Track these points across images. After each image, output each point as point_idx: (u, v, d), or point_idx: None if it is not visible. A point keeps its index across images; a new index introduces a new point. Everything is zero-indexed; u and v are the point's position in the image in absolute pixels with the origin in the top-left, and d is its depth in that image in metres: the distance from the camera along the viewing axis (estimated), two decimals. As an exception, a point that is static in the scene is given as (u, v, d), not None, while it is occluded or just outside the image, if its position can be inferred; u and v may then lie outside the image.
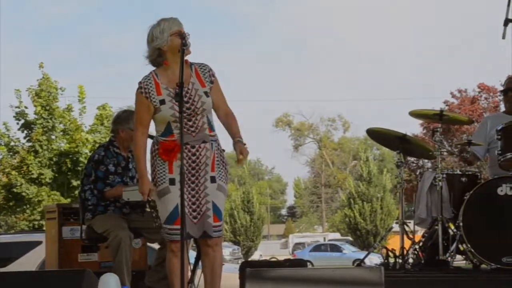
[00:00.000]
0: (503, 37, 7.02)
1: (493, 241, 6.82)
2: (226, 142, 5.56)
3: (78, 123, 23.18)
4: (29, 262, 9.73)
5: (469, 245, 6.84)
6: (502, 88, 8.54)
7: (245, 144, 5.45)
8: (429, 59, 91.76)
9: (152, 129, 5.69)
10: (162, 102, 5.49)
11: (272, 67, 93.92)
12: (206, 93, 5.52)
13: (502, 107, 8.12)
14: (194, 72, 5.57)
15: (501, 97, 8.57)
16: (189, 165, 5.44)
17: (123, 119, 7.08)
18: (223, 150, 5.66)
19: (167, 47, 5.47)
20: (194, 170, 5.47)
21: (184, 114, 5.40)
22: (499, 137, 7.16)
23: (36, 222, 22.21)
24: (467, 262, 7.26)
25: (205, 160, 5.48)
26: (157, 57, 5.53)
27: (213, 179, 5.50)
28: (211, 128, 5.57)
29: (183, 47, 5.33)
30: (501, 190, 6.88)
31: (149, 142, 5.68)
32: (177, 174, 5.40)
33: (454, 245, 6.96)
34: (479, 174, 7.42)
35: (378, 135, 7.90)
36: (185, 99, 5.43)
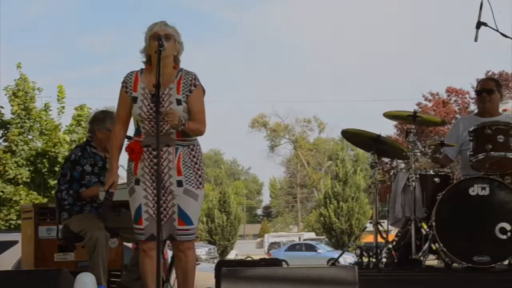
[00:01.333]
0: (475, 40, 7.07)
1: (464, 240, 6.85)
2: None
3: (55, 123, 23.11)
4: (5, 262, 9.68)
5: (441, 245, 6.88)
6: (469, 90, 8.56)
7: (181, 124, 5.38)
8: (403, 63, 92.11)
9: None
10: (135, 99, 5.50)
11: (248, 69, 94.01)
12: (178, 100, 5.47)
13: (472, 107, 8.15)
14: (178, 78, 5.53)
15: (470, 99, 8.60)
16: (151, 167, 5.44)
17: (100, 119, 7.08)
18: (201, 153, 5.64)
19: (150, 50, 5.46)
20: (157, 173, 5.45)
21: (151, 117, 5.40)
22: (471, 138, 7.21)
23: (12, 222, 22.09)
24: (439, 261, 7.30)
25: (167, 163, 5.46)
26: (147, 61, 5.52)
27: (179, 183, 5.47)
28: (182, 133, 5.49)
29: (160, 48, 5.30)
30: (473, 190, 6.92)
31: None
32: (140, 175, 5.45)
33: (427, 244, 6.98)
34: (451, 174, 7.46)
35: (353, 136, 7.92)
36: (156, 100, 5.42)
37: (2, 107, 23.00)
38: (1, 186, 22.44)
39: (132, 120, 5.63)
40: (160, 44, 5.31)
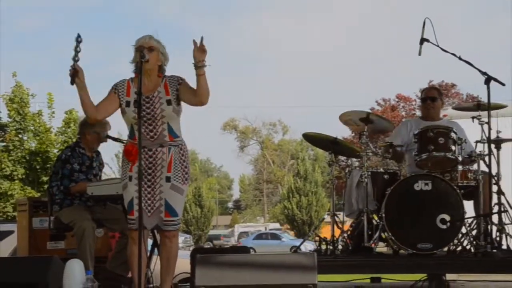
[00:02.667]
0: (419, 54, 7.15)
1: (410, 230, 6.89)
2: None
3: (47, 126, 23.04)
4: (2, 250, 9.61)
5: (389, 234, 6.91)
6: (415, 98, 8.61)
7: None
8: (360, 72, 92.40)
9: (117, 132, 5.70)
10: (128, 104, 5.47)
11: (221, 78, 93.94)
12: (168, 101, 5.45)
13: (417, 113, 8.21)
14: (164, 83, 5.50)
15: (415, 105, 8.64)
16: (146, 166, 5.44)
17: (90, 123, 7.03)
18: (188, 154, 5.65)
19: (135, 61, 5.44)
20: (151, 170, 5.47)
21: (144, 119, 5.40)
22: (416, 140, 7.26)
23: (9, 214, 22.00)
24: (388, 248, 7.33)
25: (161, 162, 5.47)
26: (135, 69, 5.46)
27: (168, 179, 5.47)
28: (172, 135, 5.50)
29: (141, 59, 5.29)
30: (417, 186, 6.96)
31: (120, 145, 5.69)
32: (134, 172, 5.42)
33: (377, 233, 7.01)
34: (398, 171, 7.50)
35: (313, 138, 7.93)
36: (147, 105, 5.42)
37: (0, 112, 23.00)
38: None
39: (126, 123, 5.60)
40: (142, 56, 5.30)
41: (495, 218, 7.10)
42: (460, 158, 7.20)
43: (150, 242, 6.52)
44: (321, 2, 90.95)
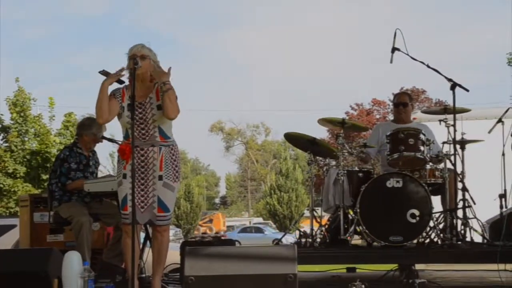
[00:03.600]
0: (391, 62, 7.19)
1: (382, 223, 6.90)
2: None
3: (47, 127, 23.01)
4: (5, 242, 9.56)
5: (364, 227, 6.92)
6: (389, 103, 8.63)
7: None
8: (335, 78, 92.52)
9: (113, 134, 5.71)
10: (123, 109, 5.48)
11: (209, 84, 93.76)
12: (159, 106, 5.45)
13: (390, 117, 8.24)
14: (156, 89, 5.50)
15: (389, 109, 8.67)
16: (139, 164, 5.44)
17: (87, 125, 7.06)
18: (179, 154, 5.64)
19: (129, 68, 5.44)
20: (143, 168, 5.47)
21: (137, 123, 5.40)
22: (388, 141, 7.28)
23: (11, 209, 21.95)
24: (362, 241, 7.33)
25: (152, 160, 5.47)
26: (129, 76, 5.45)
27: (160, 177, 5.47)
28: (164, 136, 5.50)
29: (135, 66, 5.30)
30: (389, 183, 6.97)
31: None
32: (128, 170, 5.42)
33: (353, 227, 7.02)
34: (372, 170, 7.51)
35: (293, 139, 7.93)
36: (140, 110, 5.43)
37: (2, 114, 22.97)
38: (2, 179, 22.31)
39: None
40: (135, 63, 5.31)
41: (460, 213, 7.15)
42: (428, 158, 7.24)
43: (142, 235, 6.52)
44: (297, 14, 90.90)
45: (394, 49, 7.14)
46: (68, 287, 5.14)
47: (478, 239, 7.24)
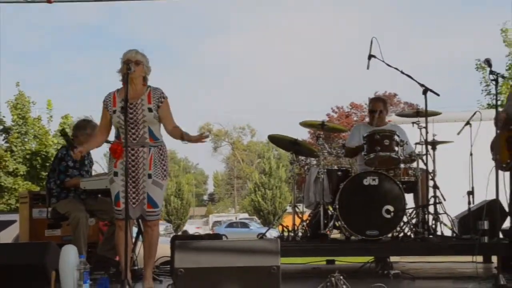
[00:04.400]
0: (367, 68, 7.19)
1: (359, 219, 6.91)
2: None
3: (46, 129, 23.10)
4: (5, 236, 9.51)
5: (342, 222, 6.92)
6: (365, 106, 8.63)
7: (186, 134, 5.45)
8: (317, 83, 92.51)
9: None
10: (114, 112, 5.47)
11: (198, 87, 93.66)
12: (149, 108, 5.44)
13: (367, 119, 8.26)
14: (147, 92, 5.50)
15: (366, 112, 8.66)
16: (129, 163, 5.41)
17: (82, 126, 7.05)
18: (167, 154, 5.62)
19: (123, 73, 5.43)
20: (134, 167, 5.45)
21: (128, 123, 5.38)
22: (365, 142, 7.29)
23: (12, 205, 21.90)
24: (341, 235, 7.34)
25: (142, 160, 5.45)
26: (122, 79, 5.46)
27: (149, 176, 5.46)
28: (153, 137, 5.49)
29: (128, 71, 5.31)
30: (366, 181, 6.98)
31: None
32: (119, 168, 5.41)
33: (332, 222, 7.02)
34: (350, 169, 7.52)
35: (277, 140, 7.92)
36: (131, 111, 5.41)
37: (4, 117, 23.09)
38: (3, 178, 22.37)
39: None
40: (128, 68, 5.31)
41: (431, 209, 7.17)
42: (402, 158, 7.25)
43: (135, 229, 6.50)
44: (284, 20, 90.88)
45: (370, 56, 7.16)
46: (65, 279, 5.11)
47: (448, 233, 7.27)
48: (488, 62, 5.63)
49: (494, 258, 7.03)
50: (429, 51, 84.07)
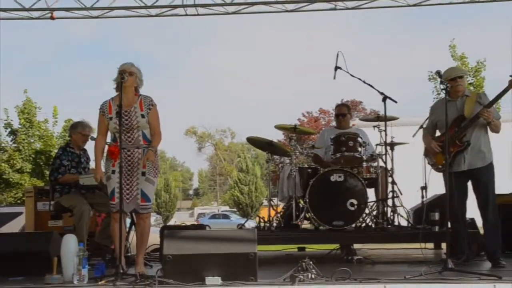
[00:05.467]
0: (334, 78, 7.21)
1: (327, 211, 6.92)
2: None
3: (50, 131, 23.02)
4: (13, 227, 9.42)
5: (312, 214, 6.93)
6: (332, 112, 8.64)
7: (153, 150, 5.39)
8: (289, 89, 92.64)
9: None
10: (111, 118, 5.43)
11: (184, 94, 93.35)
12: (142, 115, 5.43)
13: (334, 123, 8.27)
14: (139, 100, 5.48)
15: (333, 117, 8.67)
16: (126, 163, 5.38)
17: (74, 126, 7.06)
18: (157, 154, 5.58)
19: (117, 81, 5.39)
20: (130, 167, 5.43)
21: (124, 127, 5.35)
22: (332, 143, 7.31)
23: (19, 199, 21.85)
24: (311, 225, 7.35)
25: (137, 160, 5.42)
26: (116, 87, 5.43)
27: (143, 173, 5.43)
28: (146, 140, 5.46)
29: (122, 80, 5.29)
30: (333, 178, 7.00)
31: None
32: (116, 167, 5.37)
33: (303, 214, 7.03)
34: (319, 167, 7.53)
35: (254, 141, 7.91)
36: (126, 117, 5.38)
37: (11, 120, 22.92)
38: (12, 174, 22.31)
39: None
40: (122, 77, 5.30)
41: (389, 202, 7.20)
42: (364, 157, 7.28)
43: (128, 220, 6.46)
44: (271, 35, 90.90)
45: (336, 68, 7.17)
46: (66, 264, 5.05)
47: (404, 223, 7.30)
48: (438, 73, 5.65)
49: (444, 245, 7.08)
50: (390, 64, 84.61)
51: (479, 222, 6.28)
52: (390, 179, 7.27)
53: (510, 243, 6.56)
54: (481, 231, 6.20)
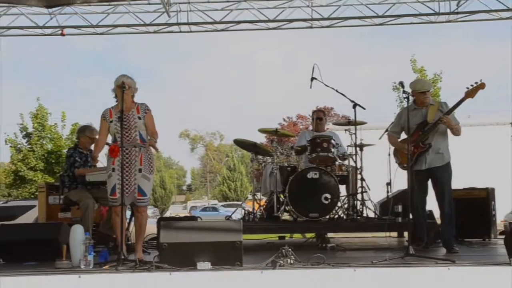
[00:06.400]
0: (310, 87, 7.21)
1: (304, 204, 6.91)
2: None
3: (60, 134, 23.08)
4: (28, 218, 9.35)
5: (291, 207, 6.92)
6: (309, 117, 8.61)
7: (154, 140, 5.37)
8: (270, 97, 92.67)
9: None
10: (111, 121, 5.42)
11: (178, 101, 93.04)
12: (139, 117, 5.42)
13: (311, 127, 8.27)
14: (136, 106, 5.47)
15: (309, 122, 8.63)
16: (124, 160, 5.36)
17: (82, 130, 7.07)
18: (153, 153, 5.57)
19: (117, 90, 5.39)
20: (128, 164, 5.39)
21: (123, 128, 5.33)
22: (309, 144, 7.31)
23: (32, 193, 21.91)
24: (290, 217, 7.34)
25: (135, 158, 5.39)
26: (116, 96, 5.44)
27: (140, 170, 5.39)
28: (143, 140, 5.43)
29: (123, 89, 5.28)
30: (309, 175, 6.99)
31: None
32: (116, 165, 5.35)
33: (283, 207, 7.02)
34: (297, 165, 7.52)
35: (240, 143, 7.89)
36: (125, 120, 5.37)
37: (26, 124, 23.01)
38: (26, 172, 22.41)
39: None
40: (123, 87, 5.30)
41: (359, 196, 7.21)
42: (337, 157, 7.29)
43: (129, 213, 6.43)
44: (267, 42, 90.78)
45: (312, 78, 7.17)
46: (74, 251, 5.02)
47: (371, 214, 7.32)
48: (401, 84, 5.68)
49: (406, 234, 7.10)
50: (359, 75, 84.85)
51: (437, 214, 6.31)
52: (359, 176, 7.29)
53: (462, 232, 6.61)
54: (438, 222, 6.23)
